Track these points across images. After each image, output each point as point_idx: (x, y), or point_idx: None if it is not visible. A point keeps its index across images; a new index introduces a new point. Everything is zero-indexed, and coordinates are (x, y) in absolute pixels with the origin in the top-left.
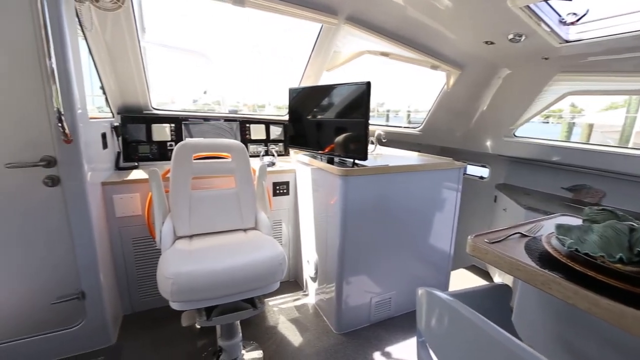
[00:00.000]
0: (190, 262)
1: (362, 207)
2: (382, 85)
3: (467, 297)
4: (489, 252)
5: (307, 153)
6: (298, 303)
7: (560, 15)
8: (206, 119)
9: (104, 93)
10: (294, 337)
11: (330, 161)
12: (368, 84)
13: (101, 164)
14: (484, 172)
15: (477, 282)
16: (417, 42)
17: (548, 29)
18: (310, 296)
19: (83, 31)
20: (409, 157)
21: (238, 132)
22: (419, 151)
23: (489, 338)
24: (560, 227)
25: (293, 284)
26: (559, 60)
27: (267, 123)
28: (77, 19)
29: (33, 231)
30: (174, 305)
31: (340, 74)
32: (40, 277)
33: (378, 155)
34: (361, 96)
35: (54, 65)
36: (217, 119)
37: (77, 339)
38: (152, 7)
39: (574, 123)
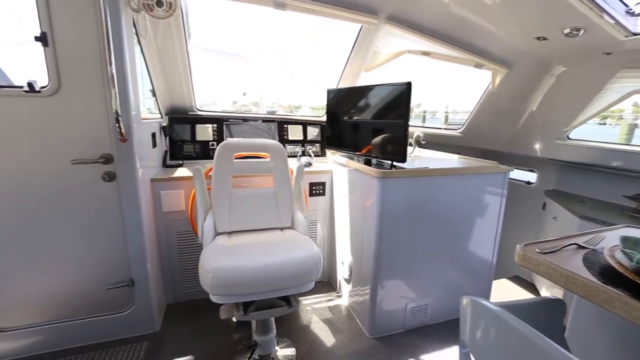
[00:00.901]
0: (229, 258)
1: (399, 210)
2: (419, 85)
3: (516, 309)
4: (541, 263)
5: (344, 154)
6: (331, 304)
7: (627, 6)
8: (245, 120)
9: (154, 95)
10: (327, 337)
11: (368, 162)
12: (408, 85)
13: (151, 162)
14: (531, 177)
15: (521, 294)
16: (461, 40)
17: (612, 21)
18: (344, 298)
19: (138, 38)
20: (450, 160)
21: (276, 132)
22: (458, 153)
23: (543, 354)
24: (626, 240)
25: (326, 284)
26: (624, 55)
27: (305, 124)
28: (134, 28)
29: (93, 222)
30: (214, 298)
31: (378, 74)
32: (97, 264)
33: (416, 157)
34: (401, 97)
35: (114, 71)
36: (255, 119)
37: (126, 324)
38: (196, 12)
39: (635, 125)
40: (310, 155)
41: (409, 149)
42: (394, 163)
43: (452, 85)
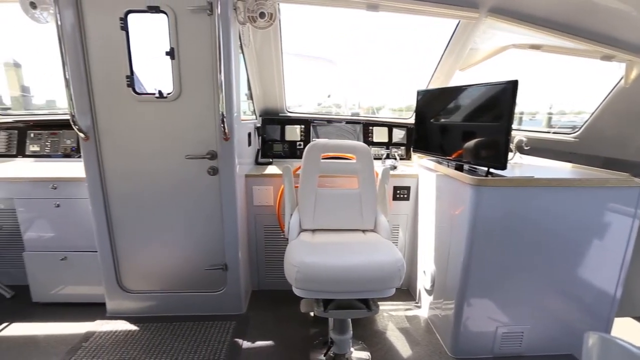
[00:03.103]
0: (314, 254)
1: (495, 222)
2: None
3: None
4: None
5: (432, 158)
6: (409, 313)
7: None
8: (329, 121)
9: (250, 98)
10: (403, 348)
11: (459, 168)
12: (514, 84)
13: (246, 159)
14: None
15: None
16: (584, 29)
17: None
18: (423, 309)
19: (242, 48)
20: (560, 169)
21: (361, 134)
22: (569, 161)
23: None
24: None
25: (405, 292)
26: None
27: (390, 126)
28: (239, 39)
29: (198, 210)
30: (296, 291)
31: (474, 73)
32: (199, 247)
33: (516, 164)
34: (501, 97)
35: (222, 78)
36: (339, 121)
37: (218, 302)
38: (287, 19)
39: None
40: (395, 158)
41: (509, 154)
42: (491, 170)
43: (561, 83)
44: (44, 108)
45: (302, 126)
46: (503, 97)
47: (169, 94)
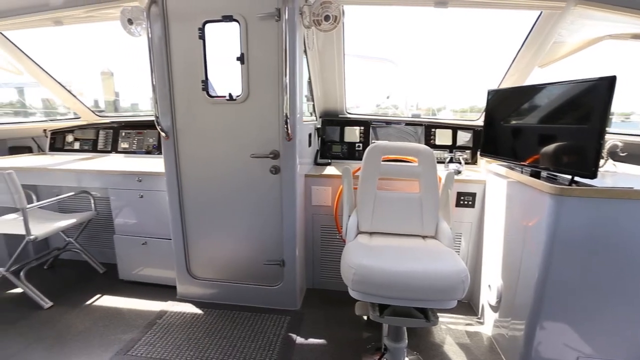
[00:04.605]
0: (372, 257)
1: (579, 237)
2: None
3: None
4: None
5: (503, 163)
6: (470, 329)
7: None
8: (388, 123)
9: (311, 100)
10: None
11: (535, 175)
12: (611, 80)
13: (306, 159)
14: None
15: None
16: None
17: None
18: (487, 326)
19: (305, 51)
20: None
21: (422, 136)
22: None
23: None
24: None
25: (466, 305)
26: None
27: (455, 128)
28: (303, 43)
29: (260, 206)
30: (352, 293)
31: (555, 70)
32: (259, 242)
33: (607, 172)
34: (594, 96)
35: (287, 81)
36: (399, 122)
37: (274, 296)
38: (349, 20)
39: None
40: (460, 162)
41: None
42: (575, 178)
43: None
44: (129, 110)
45: (362, 128)
46: (593, 95)
47: (237, 96)
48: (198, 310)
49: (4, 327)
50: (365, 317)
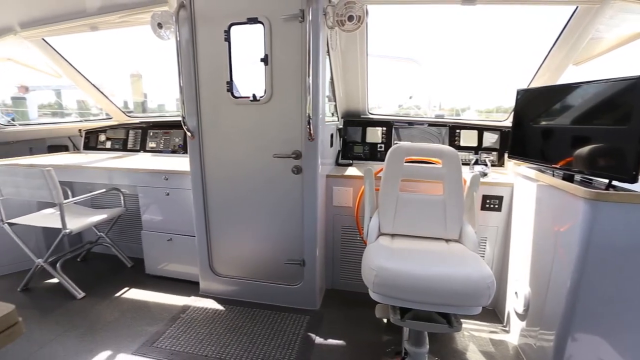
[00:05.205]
0: (394, 260)
1: (618, 245)
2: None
3: None
4: None
5: (533, 166)
6: (494, 337)
7: None
8: (411, 123)
9: (333, 100)
10: None
11: (568, 179)
12: None
13: (327, 160)
14: None
15: None
16: None
17: None
18: (512, 334)
19: (328, 51)
20: None
21: (446, 137)
22: None
23: None
24: None
25: (490, 312)
26: None
27: (480, 129)
28: (327, 43)
29: (281, 206)
30: (373, 296)
31: (590, 69)
32: (280, 241)
33: None
34: (636, 95)
35: (310, 82)
36: (421, 123)
37: (294, 296)
38: (374, 19)
39: None
40: (485, 164)
41: None
42: (613, 183)
43: None
44: (156, 111)
45: (384, 128)
46: (634, 94)
47: (261, 97)
48: (219, 307)
49: (43, 315)
50: (385, 320)
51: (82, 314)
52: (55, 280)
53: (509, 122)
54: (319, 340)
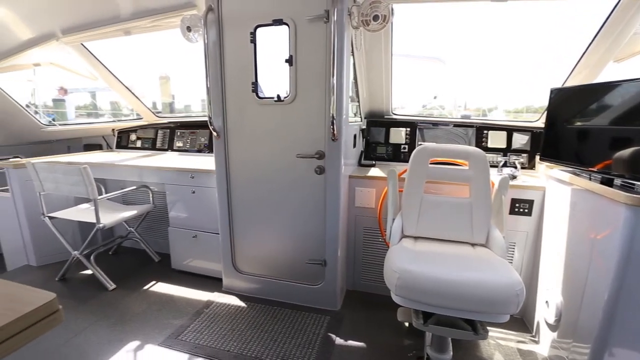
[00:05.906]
0: (417, 263)
1: None
2: None
3: None
4: None
5: (567, 169)
6: (522, 347)
7: None
8: (435, 124)
9: (356, 100)
10: None
11: (607, 183)
12: None
13: (350, 160)
14: None
15: None
16: None
17: None
18: (542, 345)
19: (353, 51)
20: None
21: (473, 138)
22: None
23: None
24: None
25: (518, 321)
26: None
27: (510, 130)
28: (351, 43)
29: (305, 206)
30: (396, 299)
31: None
32: (302, 241)
33: None
34: None
35: (335, 82)
36: (446, 123)
37: (315, 295)
38: (399, 18)
39: None
40: (515, 167)
41: None
42: None
43: None
44: (182, 111)
45: (408, 129)
46: None
47: (285, 97)
48: (242, 303)
49: (78, 304)
50: (407, 324)
51: (113, 304)
52: (89, 271)
53: (540, 123)
54: (339, 340)
